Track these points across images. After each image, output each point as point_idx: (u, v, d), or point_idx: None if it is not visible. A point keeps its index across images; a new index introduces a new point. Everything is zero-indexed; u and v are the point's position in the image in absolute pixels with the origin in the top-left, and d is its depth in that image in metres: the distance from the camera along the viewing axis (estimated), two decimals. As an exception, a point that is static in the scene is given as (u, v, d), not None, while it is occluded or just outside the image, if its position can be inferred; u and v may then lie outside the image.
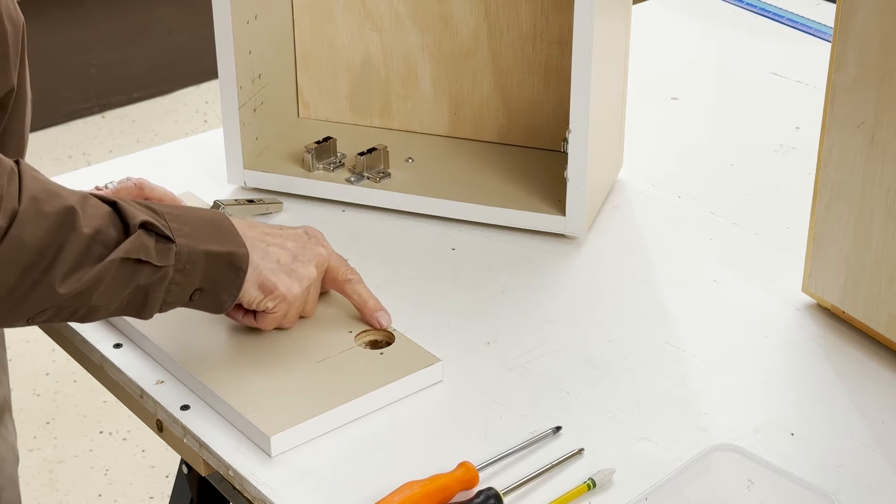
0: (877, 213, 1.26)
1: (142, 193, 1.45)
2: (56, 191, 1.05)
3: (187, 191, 1.53)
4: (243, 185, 1.56)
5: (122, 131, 3.68)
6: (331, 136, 1.59)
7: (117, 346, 1.29)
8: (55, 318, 1.07)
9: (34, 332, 1.30)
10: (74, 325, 1.32)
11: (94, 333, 1.31)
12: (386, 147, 1.56)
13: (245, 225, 1.19)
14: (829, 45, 1.27)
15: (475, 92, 1.60)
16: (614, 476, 1.14)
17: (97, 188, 1.44)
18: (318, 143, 1.57)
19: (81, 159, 3.48)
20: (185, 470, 1.48)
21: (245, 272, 1.16)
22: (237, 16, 1.48)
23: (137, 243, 1.07)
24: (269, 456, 1.16)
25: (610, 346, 1.31)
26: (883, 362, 1.29)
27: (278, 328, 1.26)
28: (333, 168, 1.56)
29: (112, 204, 1.08)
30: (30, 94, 1.18)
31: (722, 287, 1.41)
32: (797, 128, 1.73)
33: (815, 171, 1.32)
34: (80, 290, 1.05)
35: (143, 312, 1.12)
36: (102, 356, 1.29)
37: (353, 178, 1.54)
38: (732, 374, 1.28)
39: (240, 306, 1.22)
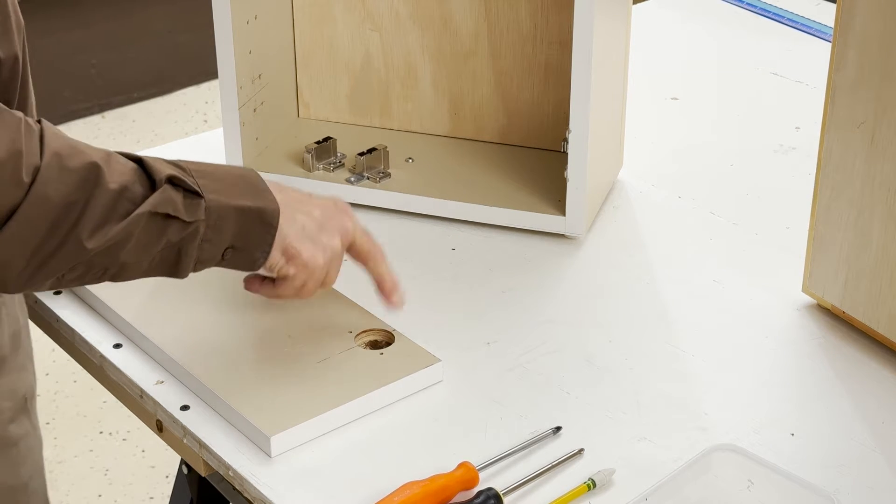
0: (877, 213, 1.26)
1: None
2: (80, 147, 1.03)
3: (187, 191, 1.53)
4: (243, 185, 1.56)
5: (122, 131, 3.68)
6: (331, 136, 1.59)
7: (117, 346, 1.29)
8: (86, 276, 1.05)
9: (34, 332, 1.30)
10: (74, 324, 1.32)
11: (94, 333, 1.31)
12: (386, 147, 1.56)
13: (276, 187, 1.16)
14: (829, 45, 1.27)
15: (475, 92, 1.60)
16: (614, 476, 1.14)
17: None
18: (318, 143, 1.57)
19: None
20: (185, 470, 1.48)
21: (276, 228, 1.13)
22: (237, 16, 1.48)
23: (164, 197, 1.05)
24: (269, 456, 1.16)
25: (610, 346, 1.31)
26: (883, 362, 1.29)
27: (296, 297, 1.22)
28: (333, 168, 1.56)
29: (137, 160, 1.06)
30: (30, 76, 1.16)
31: (722, 287, 1.41)
32: (797, 128, 1.73)
33: (815, 171, 1.32)
34: (108, 245, 1.03)
35: (177, 271, 1.10)
36: (102, 356, 1.29)
37: (353, 178, 1.54)
38: (732, 374, 1.28)
39: (258, 276, 1.20)
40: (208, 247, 1.09)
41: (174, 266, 1.09)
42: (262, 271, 1.18)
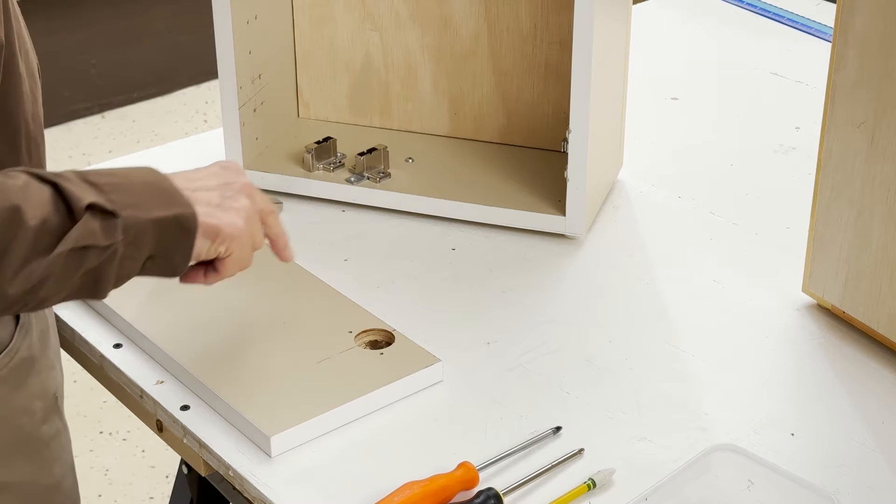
0: (877, 213, 1.26)
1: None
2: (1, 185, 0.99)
3: (187, 191, 1.53)
4: (243, 185, 1.56)
5: (122, 131, 3.68)
6: (331, 136, 1.59)
7: (117, 346, 1.29)
8: (8, 312, 1.04)
9: (34, 332, 1.30)
10: (74, 324, 1.32)
11: (94, 333, 1.31)
12: (386, 147, 1.56)
13: (172, 178, 1.12)
14: (829, 45, 1.27)
15: (475, 92, 1.60)
16: (614, 476, 1.14)
17: None
18: (318, 143, 1.57)
19: (81, 159, 3.48)
20: (185, 470, 1.48)
21: (195, 231, 1.09)
22: (237, 16, 1.48)
23: (84, 230, 1.01)
24: (269, 456, 1.16)
25: (610, 346, 1.31)
26: (883, 362, 1.29)
27: (239, 270, 1.18)
28: (333, 168, 1.56)
29: (53, 185, 1.02)
30: (33, 58, 1.14)
31: (722, 287, 1.41)
32: (797, 128, 1.73)
33: (815, 171, 1.32)
34: (30, 286, 1.00)
35: (96, 293, 1.06)
36: (102, 356, 1.29)
37: (353, 178, 1.54)
38: (732, 374, 1.28)
39: (195, 266, 1.17)
40: (128, 263, 1.06)
41: (93, 289, 1.06)
42: (194, 261, 1.14)
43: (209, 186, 1.14)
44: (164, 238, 1.08)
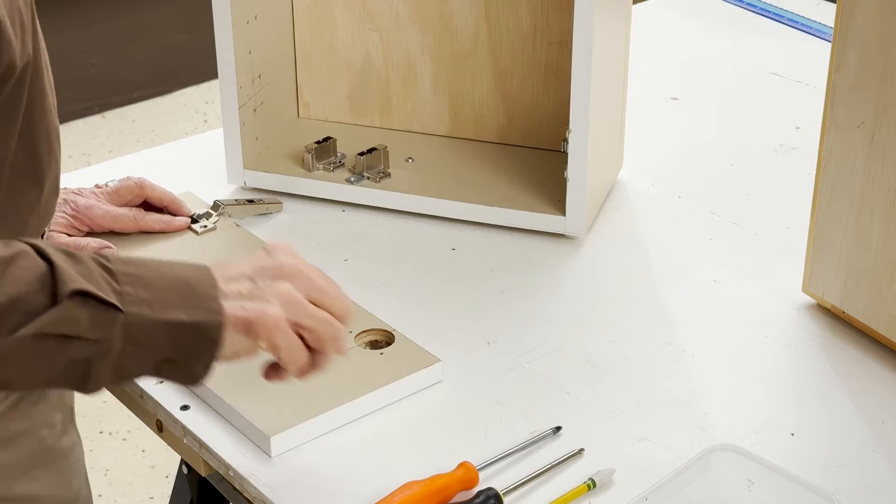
0: (877, 213, 1.26)
1: (143, 192, 1.46)
2: None
3: (187, 191, 1.53)
4: (243, 185, 1.56)
5: (122, 131, 3.68)
6: (331, 136, 1.59)
7: (117, 346, 1.29)
8: None
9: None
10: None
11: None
12: (386, 147, 1.56)
13: (218, 274, 1.02)
14: (829, 45, 1.27)
15: (475, 92, 1.60)
16: (614, 476, 1.14)
17: (97, 186, 1.44)
18: (318, 143, 1.57)
19: (81, 159, 3.48)
20: (185, 470, 1.48)
21: (219, 343, 0.99)
22: (237, 16, 1.48)
23: (60, 316, 0.93)
24: (269, 456, 1.16)
25: (610, 346, 1.31)
26: (883, 362, 1.29)
27: (315, 364, 1.06)
28: (333, 168, 1.56)
29: (50, 263, 0.94)
30: (47, 69, 1.10)
31: (722, 287, 1.41)
32: (797, 128, 1.73)
33: (815, 171, 1.32)
34: None
35: (85, 388, 0.98)
36: (102, 356, 1.29)
37: (353, 178, 1.54)
38: (732, 375, 1.28)
39: (273, 365, 1.08)
40: (131, 362, 0.97)
41: (81, 383, 0.97)
42: (236, 359, 1.04)
43: (243, 274, 1.03)
44: (181, 343, 0.98)
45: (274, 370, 1.07)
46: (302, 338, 1.04)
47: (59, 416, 1.18)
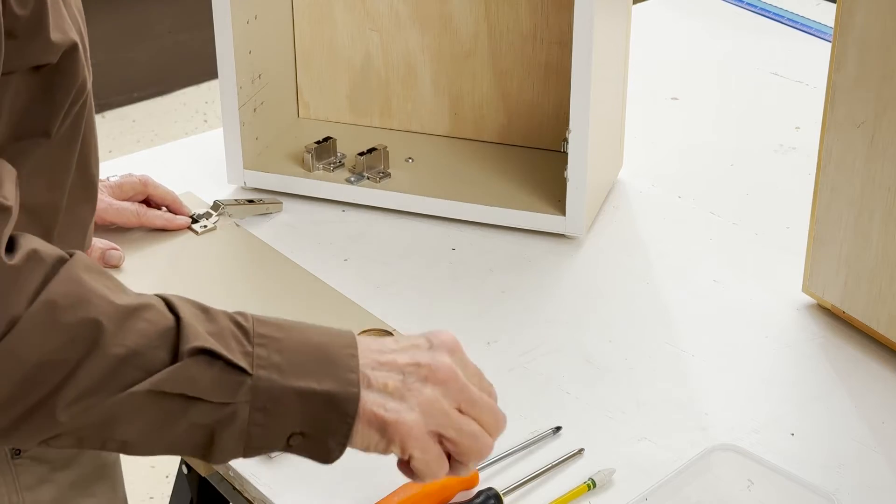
0: (877, 213, 1.26)
1: (145, 190, 1.46)
2: (90, 296, 0.86)
3: (187, 191, 1.53)
4: (243, 185, 1.56)
5: (122, 131, 3.68)
6: (331, 136, 1.59)
7: (117, 346, 1.29)
8: (83, 446, 0.89)
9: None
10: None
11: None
12: (386, 147, 1.56)
13: (361, 347, 0.94)
14: (829, 45, 1.27)
15: (475, 92, 1.60)
16: (614, 476, 1.14)
17: (99, 180, 1.44)
18: (318, 143, 1.57)
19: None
20: (185, 470, 1.48)
21: (352, 416, 0.91)
22: (237, 16, 1.48)
23: (179, 374, 0.87)
24: (269, 456, 1.16)
25: (610, 346, 1.31)
26: (883, 362, 1.29)
27: (454, 473, 0.97)
28: (333, 168, 1.56)
29: (177, 317, 0.89)
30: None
31: (722, 287, 1.41)
32: (797, 128, 1.73)
33: (815, 171, 1.32)
34: (90, 421, 0.87)
35: (211, 455, 0.91)
36: (102, 356, 1.29)
37: (353, 178, 1.54)
38: (732, 374, 1.28)
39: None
40: (260, 432, 0.90)
41: (206, 450, 0.91)
42: (367, 452, 0.96)
43: (395, 365, 0.95)
44: (313, 415, 0.91)
45: (407, 468, 0.96)
46: (445, 447, 0.96)
47: None
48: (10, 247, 0.86)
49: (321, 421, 0.91)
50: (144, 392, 0.86)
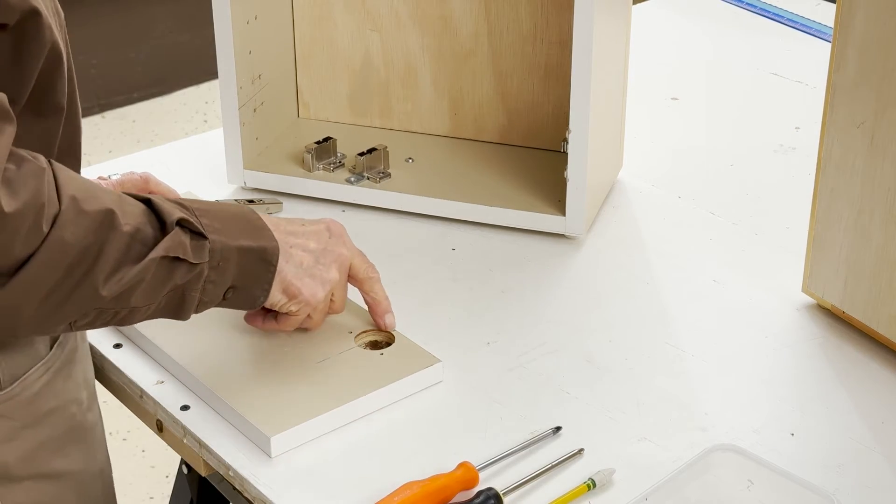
0: (877, 213, 1.26)
1: (146, 187, 1.46)
2: (93, 190, 1.03)
3: (187, 191, 1.53)
4: (243, 185, 1.56)
5: (122, 131, 3.68)
6: (331, 136, 1.59)
7: (117, 346, 1.29)
8: (97, 321, 1.05)
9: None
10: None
11: (93, 333, 1.31)
12: (386, 147, 1.56)
13: (270, 223, 1.17)
14: (829, 45, 1.27)
15: (475, 92, 1.60)
16: (614, 476, 1.14)
17: (100, 178, 1.44)
18: (318, 143, 1.57)
19: (82, 159, 3.48)
20: (185, 470, 1.48)
21: (276, 266, 1.14)
22: (237, 16, 1.48)
23: (176, 241, 1.05)
24: (269, 456, 1.16)
25: (610, 346, 1.31)
26: (883, 362, 1.29)
27: (302, 329, 1.25)
28: (333, 168, 1.56)
29: (146, 201, 1.06)
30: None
31: (722, 287, 1.41)
32: (797, 128, 1.73)
33: (815, 171, 1.32)
34: (121, 290, 1.03)
35: (180, 313, 1.10)
36: (102, 356, 1.29)
37: (353, 178, 1.54)
38: (732, 374, 1.28)
39: (260, 310, 1.21)
40: (211, 287, 1.10)
41: (178, 308, 1.10)
42: (265, 306, 1.19)
43: (307, 248, 1.19)
44: (247, 268, 1.12)
45: (261, 319, 1.23)
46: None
47: (85, 392, 1.21)
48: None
49: (252, 273, 1.13)
50: (159, 258, 1.04)
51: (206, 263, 1.08)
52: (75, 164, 1.13)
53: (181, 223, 1.06)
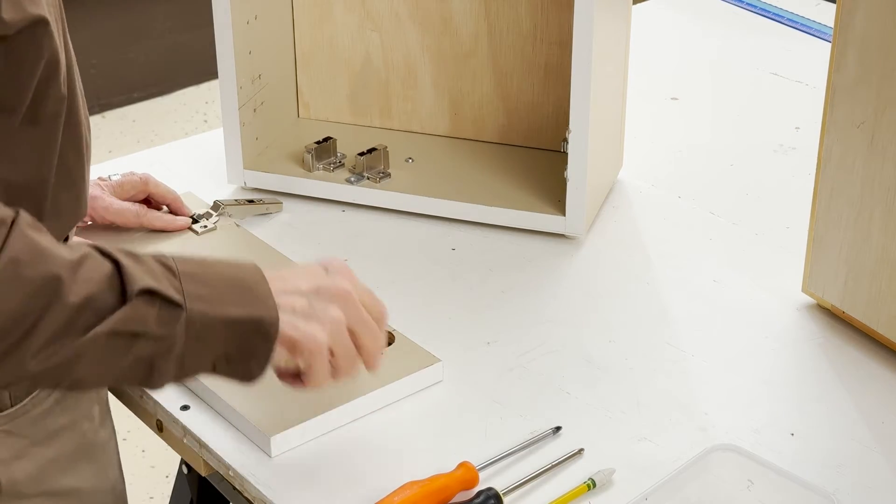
0: (877, 213, 1.26)
1: (146, 188, 1.46)
2: (45, 252, 0.93)
3: (187, 191, 1.53)
4: (243, 185, 1.56)
5: (122, 131, 3.68)
6: (331, 136, 1.59)
7: (117, 346, 1.29)
8: (35, 387, 0.99)
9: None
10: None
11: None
12: (386, 147, 1.56)
13: (273, 280, 1.05)
14: (829, 45, 1.27)
15: (475, 92, 1.60)
16: (614, 476, 1.14)
17: (101, 178, 1.44)
18: (318, 143, 1.57)
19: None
20: (185, 470, 1.48)
21: (274, 339, 1.02)
22: (237, 16, 1.48)
23: (130, 314, 0.95)
24: (269, 456, 1.16)
25: (610, 346, 1.31)
26: (883, 362, 1.29)
27: (336, 380, 1.10)
28: (333, 168, 1.56)
29: (116, 263, 0.96)
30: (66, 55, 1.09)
31: (722, 287, 1.41)
32: (797, 128, 1.73)
33: (815, 171, 1.32)
34: (56, 364, 0.94)
35: (149, 384, 1.00)
36: (102, 356, 1.29)
37: (353, 178, 1.54)
38: (732, 375, 1.28)
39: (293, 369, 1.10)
40: (192, 358, 1.00)
41: (146, 380, 1.00)
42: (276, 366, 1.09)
43: (300, 290, 1.06)
44: (238, 340, 1.01)
45: (292, 378, 1.10)
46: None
47: (97, 408, 1.20)
48: None
49: (246, 344, 1.01)
50: (105, 333, 0.94)
51: (180, 336, 0.98)
52: (80, 167, 1.10)
53: (149, 292, 0.96)
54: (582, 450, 1.17)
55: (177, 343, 0.98)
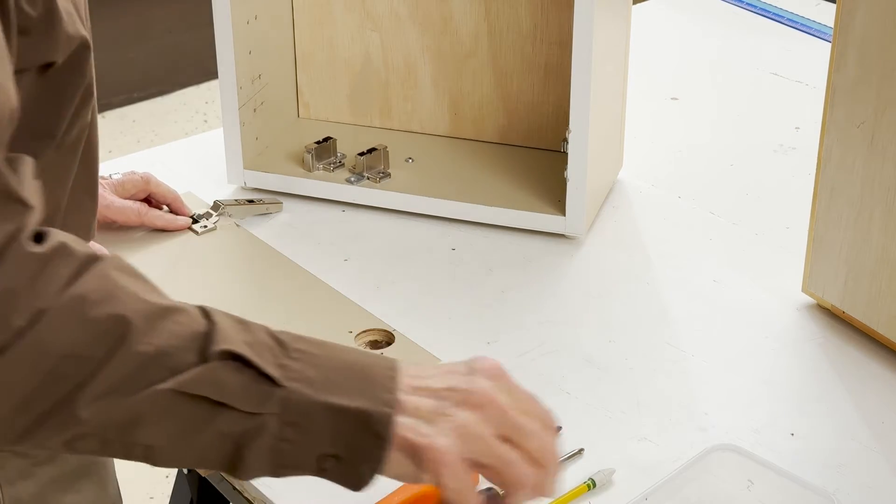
0: (877, 213, 1.26)
1: (147, 187, 1.46)
2: (120, 294, 0.83)
3: (187, 191, 1.53)
4: (243, 185, 1.56)
5: (122, 131, 3.68)
6: (331, 136, 1.59)
7: (117, 346, 1.29)
8: (106, 450, 0.85)
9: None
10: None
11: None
12: (386, 147, 1.56)
13: (406, 374, 0.89)
14: (829, 45, 1.27)
15: (475, 92, 1.60)
16: (614, 476, 1.14)
17: (101, 177, 1.44)
18: (318, 143, 1.57)
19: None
20: (185, 470, 1.48)
21: (386, 439, 0.86)
22: (237, 16, 1.48)
23: (204, 375, 0.83)
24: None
25: (610, 346, 1.31)
26: (883, 362, 1.29)
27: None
28: (333, 168, 1.56)
29: (213, 323, 0.85)
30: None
31: (722, 287, 1.41)
32: (797, 128, 1.73)
33: (815, 171, 1.32)
34: (111, 419, 0.83)
35: (239, 468, 0.86)
36: (102, 356, 1.28)
37: (353, 178, 1.54)
38: (732, 375, 1.28)
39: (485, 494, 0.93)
40: (289, 448, 0.86)
41: (234, 462, 0.86)
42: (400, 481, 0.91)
43: (430, 390, 0.89)
44: (345, 435, 0.86)
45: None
46: (486, 476, 0.91)
47: None
48: (38, 239, 0.83)
49: (354, 443, 0.87)
50: (168, 391, 0.83)
51: (275, 416, 0.84)
52: (92, 191, 1.07)
53: (232, 356, 0.84)
54: (582, 450, 1.17)
55: (268, 425, 0.85)
